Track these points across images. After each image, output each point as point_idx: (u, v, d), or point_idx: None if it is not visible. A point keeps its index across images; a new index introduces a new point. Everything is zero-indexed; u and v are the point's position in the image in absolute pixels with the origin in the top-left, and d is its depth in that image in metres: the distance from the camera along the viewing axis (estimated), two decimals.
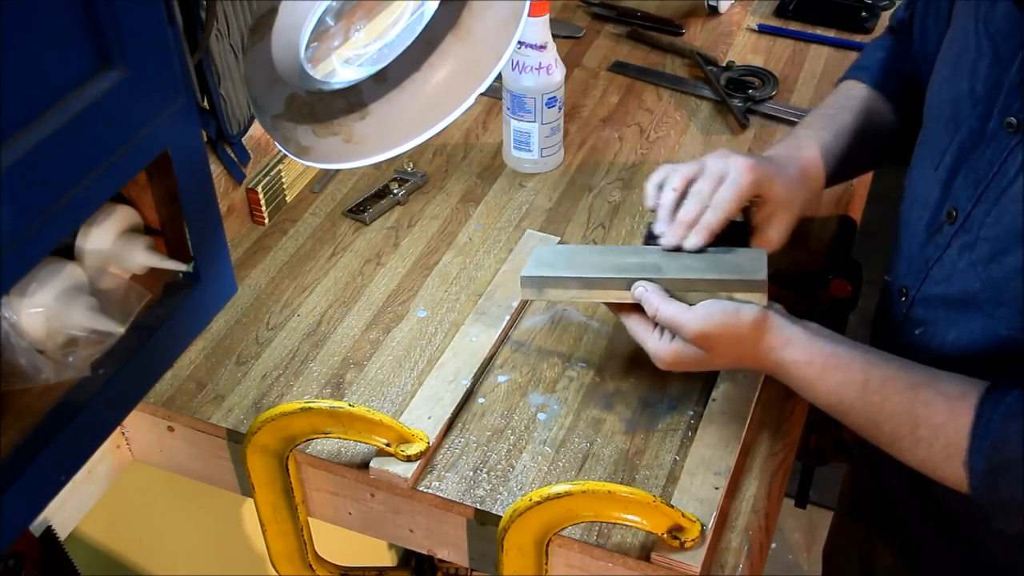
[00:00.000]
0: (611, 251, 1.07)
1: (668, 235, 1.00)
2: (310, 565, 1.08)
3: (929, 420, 0.85)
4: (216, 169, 1.17)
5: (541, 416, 1.04)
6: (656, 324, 0.95)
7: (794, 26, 1.62)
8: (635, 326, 0.97)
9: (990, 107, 0.87)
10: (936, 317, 0.93)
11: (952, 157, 0.91)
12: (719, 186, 0.99)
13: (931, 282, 0.94)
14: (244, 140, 1.21)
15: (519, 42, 1.05)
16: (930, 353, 0.94)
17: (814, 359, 0.90)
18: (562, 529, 0.92)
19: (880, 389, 0.88)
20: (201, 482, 1.11)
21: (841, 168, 1.10)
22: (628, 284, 0.96)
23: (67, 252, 0.73)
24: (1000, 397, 0.83)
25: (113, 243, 0.75)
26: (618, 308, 0.99)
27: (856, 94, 1.14)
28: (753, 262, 0.97)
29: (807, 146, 1.08)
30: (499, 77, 1.24)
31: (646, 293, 0.95)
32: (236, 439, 1.03)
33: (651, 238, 1.02)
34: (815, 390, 0.91)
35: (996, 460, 0.82)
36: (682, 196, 1.01)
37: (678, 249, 0.99)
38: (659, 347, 0.95)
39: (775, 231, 1.03)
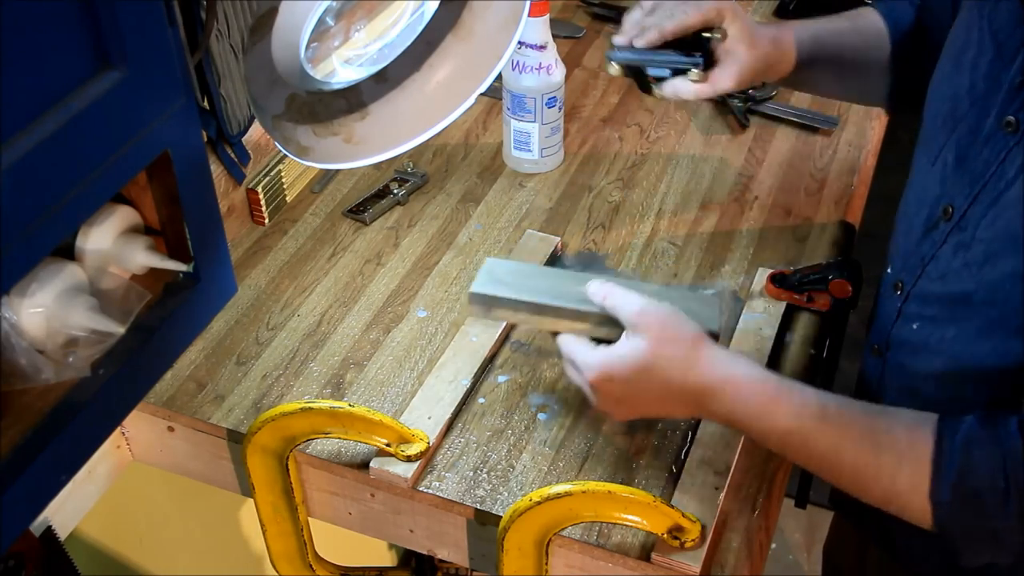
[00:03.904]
0: (561, 275, 1.04)
1: (621, 35, 1.06)
2: (310, 565, 1.08)
3: (892, 446, 0.82)
4: (216, 169, 1.17)
5: (541, 416, 1.04)
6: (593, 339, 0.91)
7: None
8: (566, 340, 0.93)
9: (989, 105, 0.86)
10: (932, 314, 0.93)
11: (950, 154, 0.91)
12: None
13: (926, 279, 0.94)
14: (244, 140, 1.21)
15: (519, 42, 1.05)
16: (924, 347, 0.94)
17: (767, 384, 0.86)
18: (562, 529, 0.92)
19: (839, 414, 0.85)
20: (201, 482, 1.11)
21: (816, 60, 1.11)
22: (578, 315, 0.92)
23: (67, 252, 0.73)
24: (956, 426, 0.81)
25: (113, 243, 0.75)
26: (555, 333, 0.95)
27: (870, 21, 1.13)
28: (707, 309, 0.94)
29: (786, 27, 1.12)
30: (499, 77, 1.24)
31: (602, 287, 0.91)
32: (236, 439, 1.03)
33: (612, 49, 1.07)
34: (770, 414, 0.85)
35: (963, 492, 0.80)
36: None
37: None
38: (588, 356, 0.89)
39: (731, 66, 1.06)
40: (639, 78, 1.11)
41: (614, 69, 1.08)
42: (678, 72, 1.07)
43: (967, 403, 0.86)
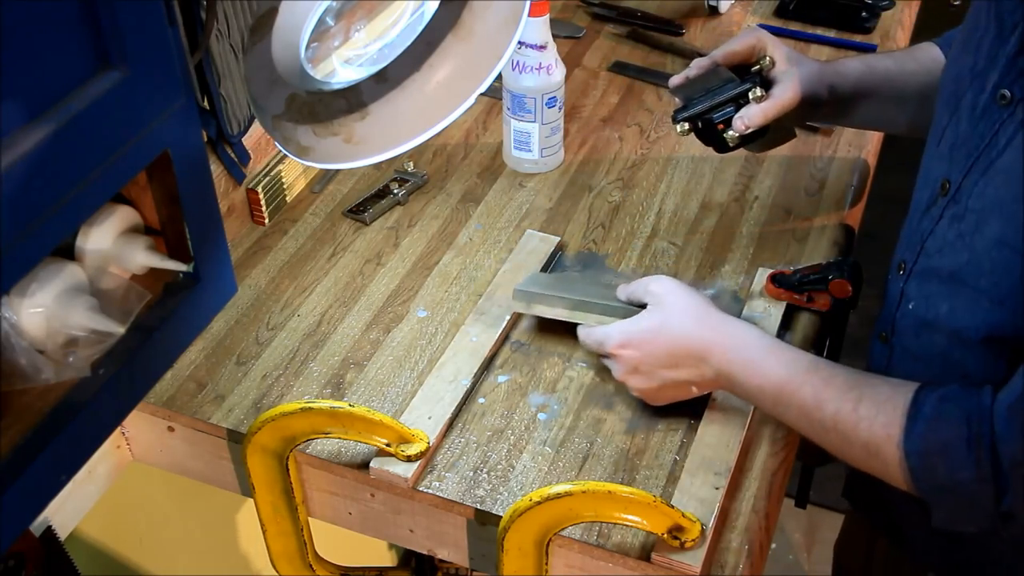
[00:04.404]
0: (591, 281, 1.16)
1: (676, 77, 1.13)
2: (310, 565, 1.08)
3: (873, 397, 0.86)
4: (216, 169, 1.17)
5: (541, 416, 1.04)
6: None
7: (794, 26, 1.61)
8: (585, 327, 1.05)
9: (987, 80, 0.88)
10: (929, 291, 0.94)
11: (951, 131, 0.92)
12: None
13: (925, 255, 0.95)
14: (244, 140, 1.21)
15: (519, 42, 1.05)
16: (923, 325, 0.95)
17: (763, 340, 0.95)
18: (562, 529, 0.92)
19: (828, 368, 0.91)
20: (201, 482, 1.11)
21: (867, 86, 1.16)
22: (605, 309, 1.04)
23: (67, 252, 0.73)
24: (937, 386, 0.85)
25: (113, 243, 0.75)
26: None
27: (926, 51, 1.16)
28: None
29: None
30: (499, 77, 1.24)
31: (627, 285, 1.04)
32: (236, 439, 1.03)
33: (675, 112, 1.14)
34: (764, 366, 0.93)
35: (932, 440, 0.82)
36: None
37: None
38: (608, 328, 1.01)
39: (788, 81, 1.11)
40: (711, 137, 1.14)
41: (682, 128, 1.13)
42: (740, 106, 1.10)
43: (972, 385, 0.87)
